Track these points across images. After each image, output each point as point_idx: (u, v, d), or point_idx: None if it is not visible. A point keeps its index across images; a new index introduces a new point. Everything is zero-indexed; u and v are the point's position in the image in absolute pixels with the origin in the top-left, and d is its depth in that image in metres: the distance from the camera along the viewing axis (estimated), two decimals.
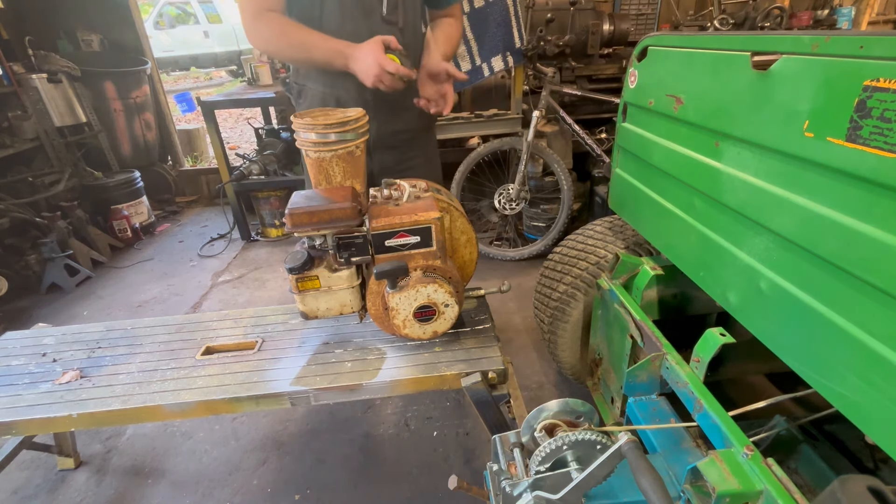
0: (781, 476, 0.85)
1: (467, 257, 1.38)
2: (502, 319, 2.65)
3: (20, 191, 3.32)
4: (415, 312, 1.21)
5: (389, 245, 1.17)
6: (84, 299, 3.11)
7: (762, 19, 2.83)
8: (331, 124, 1.20)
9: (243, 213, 3.76)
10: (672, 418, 1.31)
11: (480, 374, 1.22)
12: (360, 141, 1.25)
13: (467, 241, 1.36)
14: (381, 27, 1.41)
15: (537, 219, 3.31)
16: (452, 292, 1.20)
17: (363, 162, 1.31)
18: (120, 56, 4.19)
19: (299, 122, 1.21)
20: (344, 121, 1.21)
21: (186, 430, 2.01)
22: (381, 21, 1.41)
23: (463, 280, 1.42)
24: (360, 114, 1.26)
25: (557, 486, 0.85)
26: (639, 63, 1.43)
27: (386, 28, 1.42)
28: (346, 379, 1.24)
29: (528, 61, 2.97)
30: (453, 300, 1.21)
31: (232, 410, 1.25)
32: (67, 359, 1.41)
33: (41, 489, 1.77)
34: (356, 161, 1.28)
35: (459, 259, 1.37)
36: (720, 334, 1.09)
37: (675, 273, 1.37)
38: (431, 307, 1.21)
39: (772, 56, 0.91)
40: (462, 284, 1.29)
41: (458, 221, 1.32)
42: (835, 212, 0.80)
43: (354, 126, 1.22)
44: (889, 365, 0.72)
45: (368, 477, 1.76)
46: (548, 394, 2.12)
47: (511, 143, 3.09)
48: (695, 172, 1.18)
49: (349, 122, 1.21)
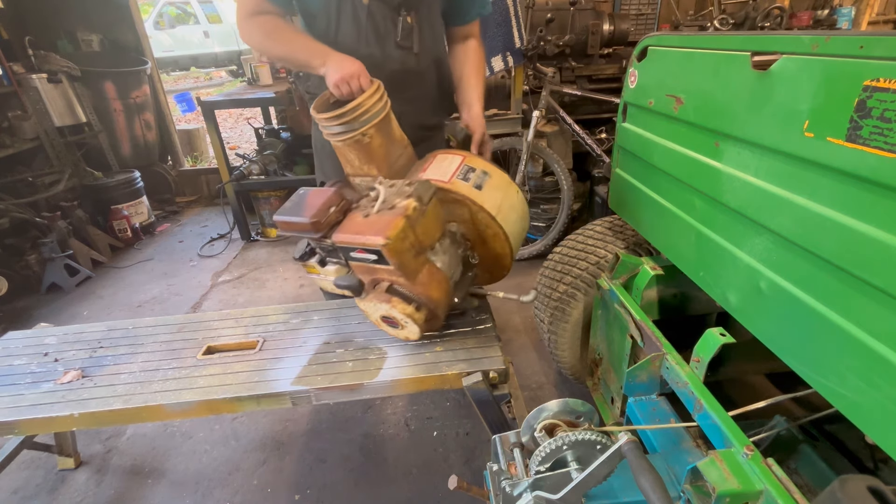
0: (781, 476, 0.85)
1: (499, 250, 1.36)
2: (502, 319, 2.65)
3: (20, 191, 3.32)
4: (381, 318, 1.28)
5: (354, 257, 1.18)
6: (84, 299, 3.11)
7: (762, 19, 2.83)
8: (330, 117, 1.20)
9: (243, 213, 3.76)
10: (672, 418, 1.31)
11: (481, 373, 1.22)
12: (366, 129, 1.22)
13: (494, 236, 1.32)
14: (394, 52, 1.42)
15: (537, 219, 3.31)
16: (412, 312, 1.20)
17: (378, 146, 1.27)
18: (120, 56, 4.19)
19: (312, 112, 1.26)
20: (341, 113, 1.19)
21: (186, 430, 2.01)
22: (395, 46, 1.42)
23: (495, 275, 1.48)
24: (361, 100, 1.20)
25: (557, 486, 0.85)
26: (639, 63, 1.43)
27: (400, 53, 1.43)
28: (347, 378, 1.25)
29: (528, 61, 2.97)
30: (411, 320, 1.21)
31: (233, 410, 1.25)
32: (69, 358, 1.41)
33: (41, 489, 1.77)
34: (367, 148, 1.25)
35: (489, 252, 1.36)
36: (720, 334, 1.10)
37: (675, 273, 1.37)
38: (392, 318, 1.24)
39: (772, 56, 0.91)
40: (434, 302, 1.23)
41: (480, 216, 1.29)
42: (835, 212, 0.80)
43: (353, 116, 1.19)
44: (889, 365, 0.72)
45: (368, 477, 1.76)
46: (548, 394, 2.12)
47: (511, 143, 3.09)
48: (695, 172, 1.18)
49: (346, 113, 1.19)
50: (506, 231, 1.30)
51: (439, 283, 1.24)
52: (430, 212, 1.19)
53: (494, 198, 1.30)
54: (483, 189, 1.29)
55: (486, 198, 1.28)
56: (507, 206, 1.32)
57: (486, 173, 1.32)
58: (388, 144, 1.29)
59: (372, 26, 1.40)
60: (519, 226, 1.38)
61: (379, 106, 1.23)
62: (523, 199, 1.39)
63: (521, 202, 1.38)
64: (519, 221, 1.38)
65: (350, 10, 1.38)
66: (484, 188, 1.29)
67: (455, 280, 1.30)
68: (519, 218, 1.38)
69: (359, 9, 1.37)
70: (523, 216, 1.41)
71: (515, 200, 1.36)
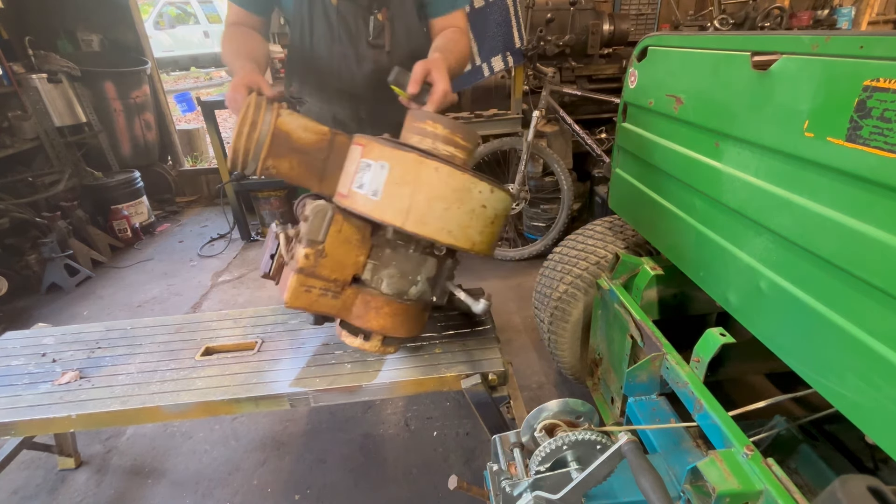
0: (781, 476, 0.85)
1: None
2: (502, 319, 2.65)
3: (20, 191, 3.32)
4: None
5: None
6: (84, 299, 3.11)
7: (762, 19, 2.83)
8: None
9: (243, 213, 3.76)
10: (672, 418, 1.31)
11: (480, 375, 1.22)
12: (258, 168, 1.10)
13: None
14: (367, 51, 1.43)
15: (537, 219, 3.31)
16: (360, 344, 1.19)
17: (287, 170, 1.12)
18: (120, 56, 4.19)
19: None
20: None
21: (186, 430, 2.01)
22: (367, 45, 1.43)
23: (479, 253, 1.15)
24: (234, 147, 1.07)
25: (557, 486, 0.85)
26: (639, 63, 1.43)
27: (373, 52, 1.43)
28: (345, 380, 1.24)
29: (528, 61, 2.97)
30: (363, 350, 1.21)
31: (231, 412, 1.25)
32: (67, 359, 1.41)
33: (41, 489, 1.77)
34: (280, 175, 1.14)
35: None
36: (720, 334, 1.09)
37: (675, 273, 1.37)
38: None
39: (772, 56, 0.91)
40: (381, 329, 1.14)
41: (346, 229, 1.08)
42: (835, 212, 0.80)
43: (233, 165, 1.08)
44: (889, 365, 0.72)
45: (368, 477, 1.76)
46: (548, 394, 2.12)
47: (511, 143, 3.09)
48: (695, 172, 1.18)
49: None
50: (431, 233, 1.01)
51: (377, 310, 1.12)
52: (333, 244, 1.06)
53: (399, 199, 1.00)
54: (382, 193, 1.00)
55: (387, 206, 1.00)
56: (424, 201, 0.99)
57: (385, 166, 1.00)
58: (297, 162, 1.12)
59: (343, 26, 1.40)
60: (456, 211, 1.01)
61: (253, 139, 1.06)
62: (453, 173, 1.00)
63: (445, 182, 0.99)
64: (453, 207, 1.01)
65: (321, 12, 1.39)
66: (383, 191, 1.00)
67: (421, 287, 1.16)
68: (450, 204, 1.00)
69: (329, 10, 1.38)
70: (459, 198, 1.01)
71: (437, 183, 0.99)
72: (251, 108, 1.06)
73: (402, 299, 1.15)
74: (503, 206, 1.10)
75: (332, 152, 1.14)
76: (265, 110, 1.07)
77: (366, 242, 1.11)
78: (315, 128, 1.13)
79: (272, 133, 1.07)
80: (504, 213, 1.13)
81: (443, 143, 1.09)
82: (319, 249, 1.05)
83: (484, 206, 1.05)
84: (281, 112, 1.09)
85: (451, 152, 1.10)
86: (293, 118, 1.11)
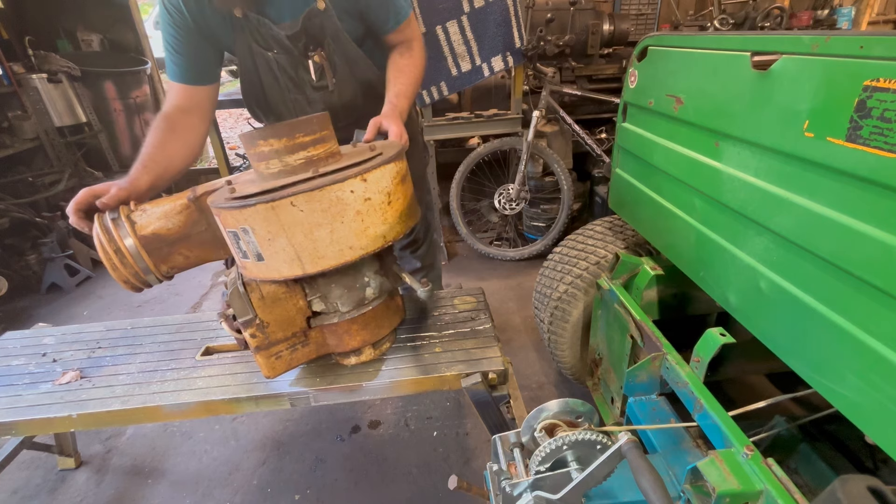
0: (781, 476, 0.85)
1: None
2: (502, 319, 2.65)
3: (20, 191, 3.32)
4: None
5: None
6: (84, 299, 3.11)
7: (762, 19, 2.83)
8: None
9: None
10: (672, 418, 1.31)
11: (481, 374, 1.22)
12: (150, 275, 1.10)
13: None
14: (314, 95, 1.47)
15: (537, 219, 3.31)
16: (350, 361, 1.25)
17: (185, 263, 1.13)
18: (120, 56, 4.19)
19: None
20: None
21: (186, 430, 2.01)
22: (312, 90, 1.46)
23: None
24: (108, 259, 1.05)
25: (557, 486, 0.85)
26: (639, 63, 1.43)
27: (318, 94, 1.47)
28: (345, 379, 1.24)
29: (528, 61, 2.96)
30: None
31: (231, 411, 1.25)
32: (67, 359, 1.41)
33: (41, 489, 1.77)
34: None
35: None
36: (720, 334, 1.09)
37: (675, 273, 1.37)
38: None
39: (772, 56, 0.91)
40: (353, 346, 1.18)
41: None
42: (835, 212, 0.80)
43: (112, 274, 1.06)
44: (889, 365, 0.72)
45: (368, 477, 1.76)
46: (548, 394, 2.12)
47: (511, 143, 3.09)
48: (695, 172, 1.18)
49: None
50: (334, 261, 0.95)
51: (349, 332, 1.15)
52: (266, 311, 1.04)
53: (283, 252, 0.93)
54: (264, 255, 0.94)
55: (278, 264, 0.94)
56: (304, 240, 0.91)
57: (248, 230, 0.91)
58: (186, 249, 1.08)
59: (286, 76, 1.43)
60: (342, 226, 0.93)
61: (128, 262, 1.02)
62: (311, 197, 0.89)
63: (311, 210, 0.89)
64: (336, 225, 0.92)
65: (265, 66, 1.42)
66: (264, 253, 0.94)
67: (374, 284, 1.14)
68: (331, 224, 0.92)
69: (270, 62, 1.41)
70: (335, 213, 0.91)
71: (303, 217, 0.90)
72: (103, 236, 1.00)
73: (363, 306, 1.14)
74: (389, 179, 0.97)
75: (208, 214, 1.07)
76: (117, 227, 1.00)
77: (294, 288, 1.06)
78: (174, 209, 1.05)
79: (140, 245, 1.01)
80: (398, 176, 1.00)
81: (289, 153, 0.97)
82: (258, 323, 1.03)
83: (368, 198, 0.94)
84: (133, 217, 1.02)
85: (307, 156, 0.98)
86: (147, 214, 1.03)
